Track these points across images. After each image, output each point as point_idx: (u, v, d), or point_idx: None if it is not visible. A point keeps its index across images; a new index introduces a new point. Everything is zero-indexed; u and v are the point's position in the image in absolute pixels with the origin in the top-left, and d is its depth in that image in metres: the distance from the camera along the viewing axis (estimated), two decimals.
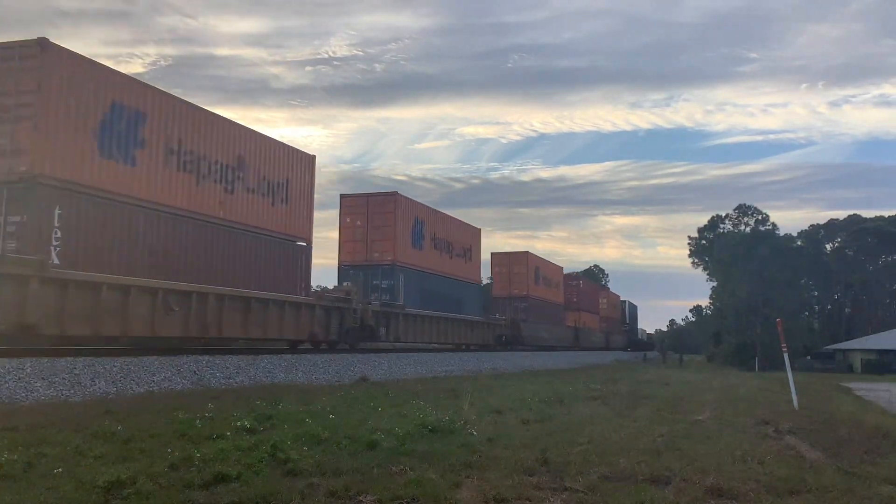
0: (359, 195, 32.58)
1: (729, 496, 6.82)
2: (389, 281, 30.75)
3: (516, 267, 51.21)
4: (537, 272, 53.29)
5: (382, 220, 31.34)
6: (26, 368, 13.01)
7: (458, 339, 36.19)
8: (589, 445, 9.38)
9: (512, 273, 50.91)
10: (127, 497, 6.00)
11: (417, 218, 33.47)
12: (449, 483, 6.85)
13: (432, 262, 34.70)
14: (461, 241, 38.70)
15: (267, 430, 9.60)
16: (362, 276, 30.23)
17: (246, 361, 18.61)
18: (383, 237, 31.20)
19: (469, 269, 39.65)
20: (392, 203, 31.76)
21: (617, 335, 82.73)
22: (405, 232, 32.14)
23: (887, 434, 11.67)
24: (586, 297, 70.57)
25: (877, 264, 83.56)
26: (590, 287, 76.86)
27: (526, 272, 50.87)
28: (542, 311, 53.12)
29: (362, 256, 31.23)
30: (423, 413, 11.72)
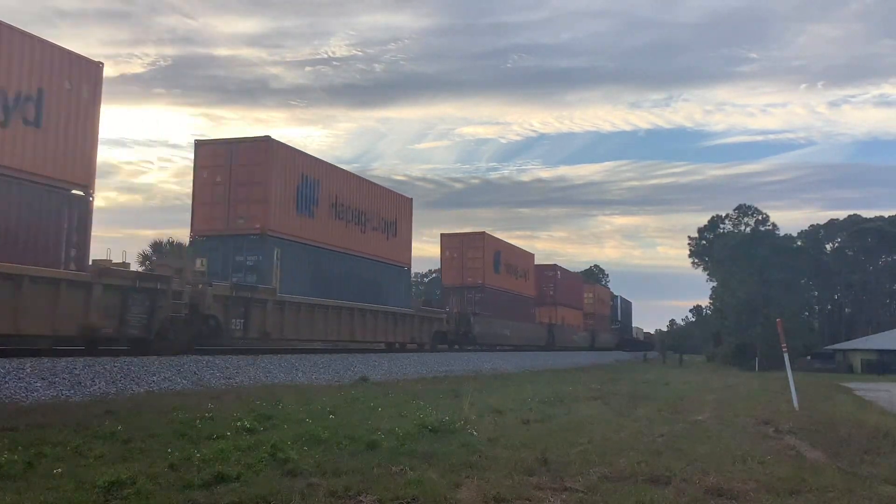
0: (219, 141, 24.04)
1: (729, 496, 6.82)
2: (257, 256, 22.52)
3: (470, 251, 42.04)
4: (498, 258, 44.39)
5: (249, 174, 22.92)
6: (26, 368, 13.01)
7: (372, 336, 27.46)
8: (589, 445, 9.39)
9: (465, 258, 41.90)
10: (127, 497, 6.00)
11: (305, 175, 24.90)
12: (449, 483, 6.85)
13: (331, 234, 26.30)
14: (379, 211, 30.09)
15: (267, 430, 9.60)
16: (222, 250, 22.72)
17: (246, 361, 18.61)
18: (250, 197, 22.82)
19: (392, 249, 31.18)
20: (264, 151, 23.08)
21: (605, 334, 75.32)
22: (285, 191, 23.77)
23: (887, 434, 11.67)
24: (566, 290, 61.41)
25: (877, 264, 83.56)
26: (571, 279, 65.93)
27: (482, 257, 41.91)
28: (503, 305, 44.10)
29: (222, 224, 22.90)
30: (423, 413, 11.72)
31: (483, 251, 42.26)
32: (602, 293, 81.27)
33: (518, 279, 48.48)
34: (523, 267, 50.14)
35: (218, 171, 23.23)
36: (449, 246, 42.68)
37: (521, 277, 49.07)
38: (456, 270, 42.12)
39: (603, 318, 77.40)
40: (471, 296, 41.21)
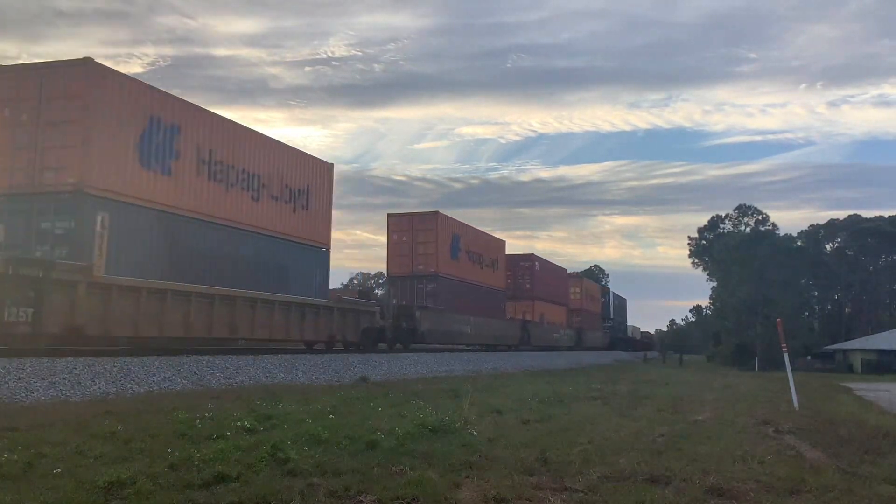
0: (29, 66, 18.01)
1: (729, 496, 6.82)
2: (68, 222, 16.84)
3: (422, 234, 36.24)
4: (456, 242, 38.31)
5: (60, 110, 17.04)
6: (26, 368, 13.01)
7: (268, 334, 21.27)
8: (589, 445, 9.38)
9: (416, 242, 36.26)
10: (127, 497, 6.00)
11: (156, 117, 19.05)
12: (449, 483, 6.85)
13: (202, 199, 20.64)
14: (271, 171, 23.84)
15: (267, 430, 9.60)
16: (25, 214, 16.96)
17: (246, 361, 18.61)
18: (63, 142, 16.98)
19: (304, 224, 25.56)
20: (83, 77, 17.10)
21: (594, 332, 69.07)
22: (107, 132, 17.51)
23: (887, 434, 11.67)
24: (546, 283, 54.90)
25: (877, 264, 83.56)
26: (552, 272, 58.33)
27: (435, 241, 36.00)
28: (463, 297, 38.19)
29: (24, 177, 17.06)
30: (423, 413, 11.71)
31: (437, 234, 36.22)
32: (591, 288, 74.64)
33: (484, 269, 42.33)
34: (491, 255, 43.90)
35: (20, 105, 17.31)
36: (396, 228, 36.76)
37: (487, 267, 42.91)
38: (403, 257, 36.32)
39: (592, 315, 71.07)
40: (421, 286, 35.52)
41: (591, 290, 74.50)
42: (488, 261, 43.17)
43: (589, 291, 71.81)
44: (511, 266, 49.97)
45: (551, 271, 58.44)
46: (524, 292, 51.48)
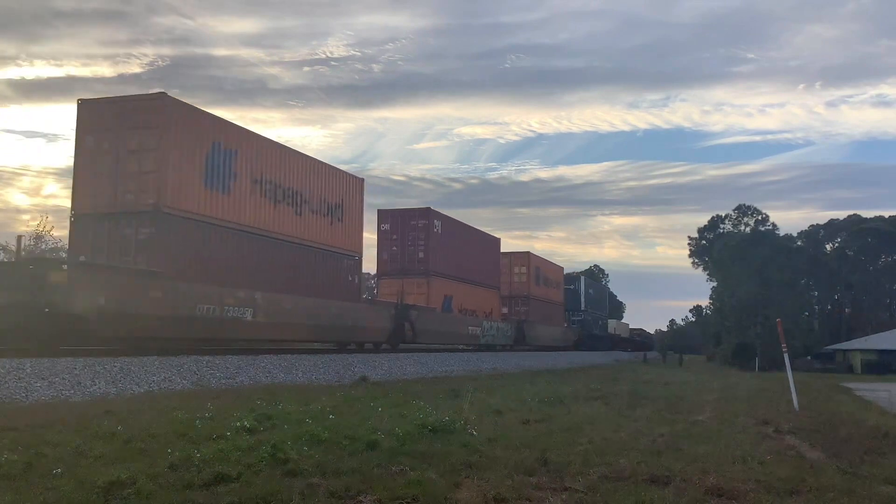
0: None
1: (729, 496, 6.81)
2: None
3: None
4: (216, 156, 21.71)
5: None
6: (26, 368, 13.02)
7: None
8: (589, 445, 9.38)
9: None
10: (127, 497, 6.00)
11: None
12: (449, 483, 6.85)
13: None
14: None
15: (267, 430, 9.59)
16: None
17: (246, 361, 18.61)
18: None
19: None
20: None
21: (550, 327, 54.14)
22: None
23: (887, 434, 11.67)
24: (457, 255, 38.33)
25: (877, 264, 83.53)
26: (470, 240, 41.09)
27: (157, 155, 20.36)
28: (268, 264, 23.29)
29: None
30: (423, 413, 11.71)
31: None
32: (548, 271, 57.38)
33: (322, 217, 26.54)
34: (333, 199, 27.41)
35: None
36: None
37: (326, 215, 26.77)
38: None
39: (548, 305, 55.94)
40: None
41: (548, 272, 57.42)
42: (330, 207, 27.16)
43: (543, 274, 55.30)
44: (390, 224, 36.07)
45: (468, 238, 40.88)
46: (413, 265, 35.53)
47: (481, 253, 43.10)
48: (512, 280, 50.41)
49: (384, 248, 36.38)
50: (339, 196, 28.13)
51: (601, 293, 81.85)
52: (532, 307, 51.42)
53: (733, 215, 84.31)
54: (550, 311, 56.90)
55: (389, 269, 36.10)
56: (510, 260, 50.54)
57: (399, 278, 34.85)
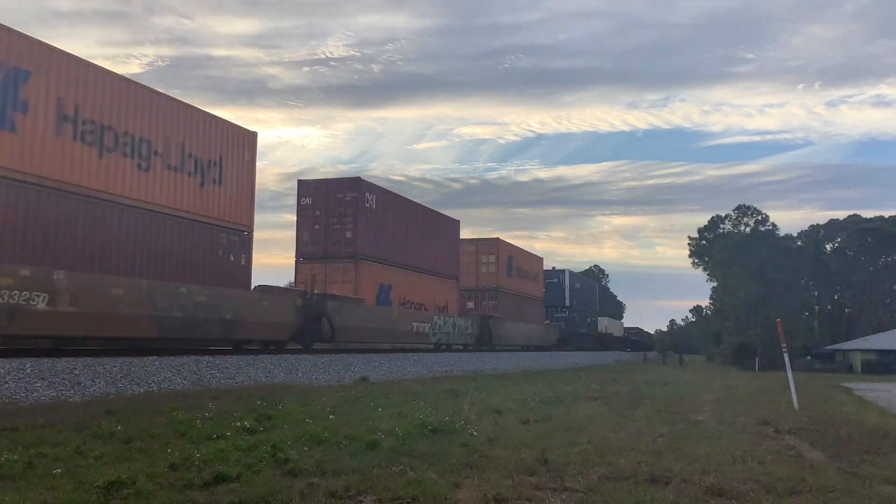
0: None
1: (729, 496, 6.81)
2: None
3: None
4: None
5: None
6: (26, 368, 13.01)
7: None
8: (589, 445, 9.38)
9: None
10: (127, 497, 6.00)
11: None
12: (449, 483, 6.85)
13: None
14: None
15: (267, 430, 9.60)
16: None
17: (246, 361, 18.61)
18: None
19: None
20: None
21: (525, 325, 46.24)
22: None
23: (887, 434, 11.67)
24: (395, 234, 31.80)
25: (877, 264, 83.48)
26: (413, 216, 34.06)
27: None
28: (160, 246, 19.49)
29: None
30: (423, 413, 11.72)
31: None
32: (523, 261, 49.46)
33: (187, 177, 20.75)
34: (207, 154, 21.54)
35: None
36: None
37: (194, 174, 20.91)
38: None
39: (523, 300, 48.62)
40: None
41: (524, 263, 49.74)
42: (194, 166, 20.90)
43: (518, 265, 47.89)
44: (322, 199, 29.35)
45: (417, 220, 34.01)
46: (340, 247, 29.05)
47: (434, 236, 35.62)
48: (479, 271, 43.66)
49: (305, 227, 29.36)
50: (216, 151, 21.54)
51: (590, 289, 73.69)
52: (502, 301, 44.18)
53: (733, 215, 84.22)
54: (527, 306, 49.49)
55: (310, 253, 29.15)
56: (477, 248, 43.78)
57: (321, 263, 28.65)
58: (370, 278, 29.52)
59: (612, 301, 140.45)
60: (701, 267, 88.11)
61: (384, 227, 30.80)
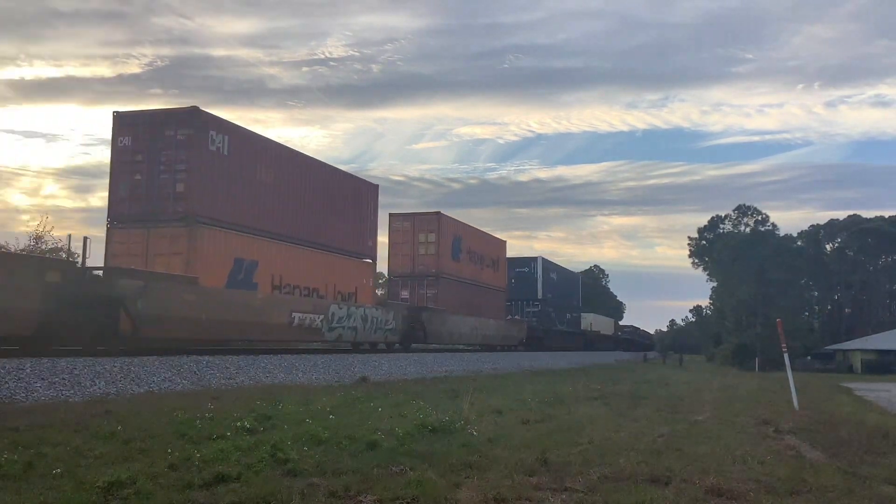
0: None
1: (729, 496, 6.81)
2: None
3: None
4: None
5: None
6: (26, 368, 13.01)
7: None
8: (589, 445, 9.38)
9: None
10: (127, 497, 6.00)
11: None
12: (449, 483, 6.85)
13: None
14: None
15: (267, 430, 9.60)
16: None
17: (246, 361, 18.61)
18: None
19: None
20: None
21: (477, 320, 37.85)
22: None
23: (887, 434, 11.67)
24: (264, 192, 22.95)
25: (877, 264, 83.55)
26: (295, 171, 24.82)
27: None
28: None
29: None
30: (423, 413, 11.72)
31: None
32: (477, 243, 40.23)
33: None
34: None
35: None
36: None
37: None
38: None
39: (478, 289, 39.84)
40: None
41: (479, 246, 40.54)
42: None
43: (469, 248, 38.88)
44: (147, 138, 20.59)
45: (301, 176, 25.44)
46: (167, 204, 20.53)
47: (337, 202, 27.32)
48: (416, 252, 35.15)
49: (122, 177, 20.80)
50: None
51: (570, 281, 62.99)
52: (446, 290, 35.28)
53: (733, 215, 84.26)
54: (482, 298, 40.25)
55: (129, 213, 20.70)
56: (413, 224, 35.39)
57: (143, 228, 20.41)
58: (216, 250, 20.89)
59: (612, 301, 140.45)
60: (701, 267, 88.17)
61: (245, 182, 22.15)
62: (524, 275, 51.80)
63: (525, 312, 50.49)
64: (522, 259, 53.07)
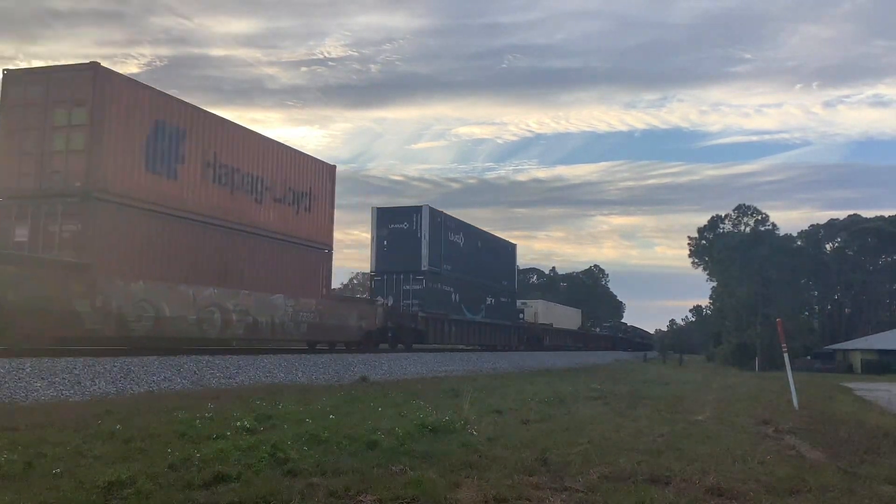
0: None
1: (729, 496, 6.81)
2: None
3: None
4: None
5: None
6: (26, 368, 13.01)
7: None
8: (589, 445, 9.37)
9: None
10: (127, 497, 6.00)
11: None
12: (449, 483, 6.84)
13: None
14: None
15: (267, 430, 9.60)
16: None
17: (246, 361, 18.61)
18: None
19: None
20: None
21: (214, 292, 20.08)
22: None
23: (887, 434, 11.68)
24: None
25: (877, 264, 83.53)
26: None
27: None
28: None
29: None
30: (423, 413, 11.71)
31: None
32: (227, 147, 21.44)
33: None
34: None
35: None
36: None
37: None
38: None
39: (255, 242, 22.53)
40: None
41: (247, 156, 22.44)
42: None
43: (219, 155, 21.07)
44: None
45: None
46: None
47: None
48: (48, 148, 17.20)
49: None
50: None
51: (494, 251, 44.21)
52: (106, 224, 17.27)
53: (733, 215, 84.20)
54: (262, 253, 23.13)
55: None
56: (46, 90, 17.47)
57: None
58: None
59: (612, 301, 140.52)
60: (701, 267, 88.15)
61: None
62: (402, 234, 34.01)
63: (403, 291, 33.59)
64: (399, 210, 34.76)
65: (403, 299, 33.21)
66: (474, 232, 40.88)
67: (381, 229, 34.09)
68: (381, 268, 33.97)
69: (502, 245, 47.04)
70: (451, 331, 36.41)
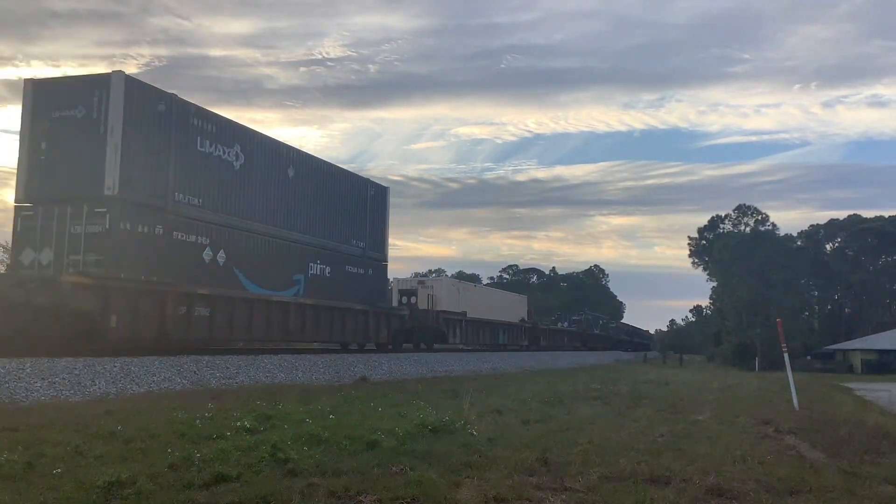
0: None
1: (729, 496, 6.81)
2: None
3: None
4: None
5: None
6: (26, 368, 13.01)
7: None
8: (589, 445, 9.37)
9: None
10: (127, 497, 6.00)
11: None
12: (449, 483, 6.84)
13: None
14: None
15: (267, 430, 9.59)
16: None
17: (246, 361, 18.61)
18: None
19: None
20: None
21: None
22: None
23: (887, 434, 11.67)
24: None
25: (877, 264, 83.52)
26: None
27: None
28: None
29: None
30: (423, 413, 11.71)
31: None
32: None
33: None
34: None
35: None
36: None
37: None
38: None
39: None
40: None
41: None
42: None
43: None
44: None
45: None
46: None
47: None
48: None
49: None
50: None
51: (329, 186, 26.42)
52: None
53: (733, 215, 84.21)
54: None
55: None
56: None
57: None
58: None
59: (612, 301, 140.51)
60: (701, 267, 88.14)
61: None
62: (74, 127, 17.84)
63: (70, 239, 17.28)
64: (69, 84, 18.34)
65: (71, 254, 17.23)
66: (270, 147, 23.39)
67: (39, 121, 18.21)
68: (35, 193, 17.97)
69: (383, 190, 31.13)
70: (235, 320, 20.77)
